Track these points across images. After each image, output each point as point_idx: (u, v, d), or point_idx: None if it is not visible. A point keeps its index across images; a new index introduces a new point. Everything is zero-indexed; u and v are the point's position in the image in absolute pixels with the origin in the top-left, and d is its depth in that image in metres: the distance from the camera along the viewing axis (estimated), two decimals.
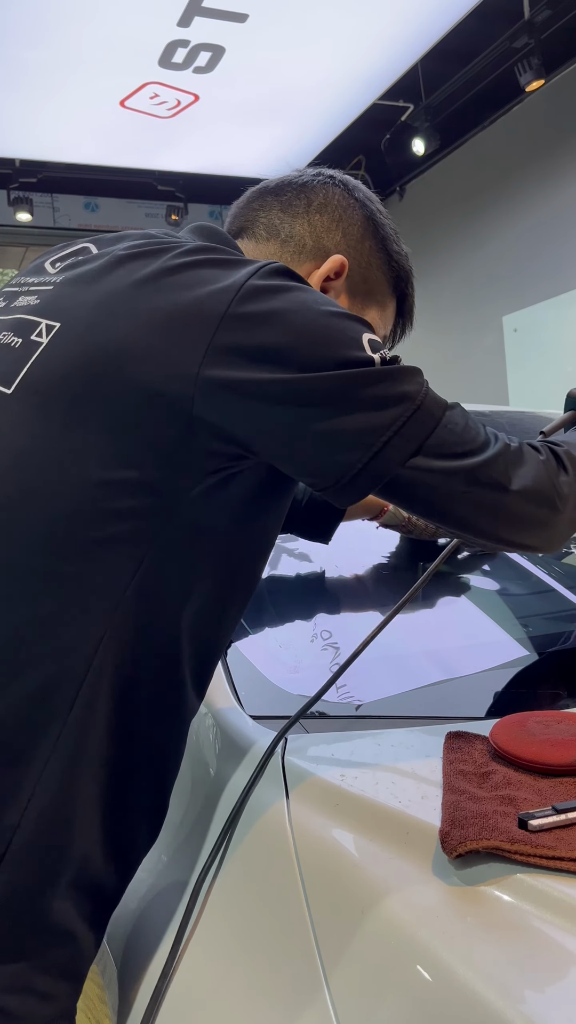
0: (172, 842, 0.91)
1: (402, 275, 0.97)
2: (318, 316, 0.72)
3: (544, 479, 0.73)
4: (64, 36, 3.76)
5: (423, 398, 0.71)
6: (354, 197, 0.94)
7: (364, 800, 0.74)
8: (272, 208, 0.92)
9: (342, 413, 0.69)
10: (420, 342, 6.51)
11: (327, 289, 0.90)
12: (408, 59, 4.23)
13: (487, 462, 0.71)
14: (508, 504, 0.72)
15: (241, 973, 0.72)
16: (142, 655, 0.73)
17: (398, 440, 0.69)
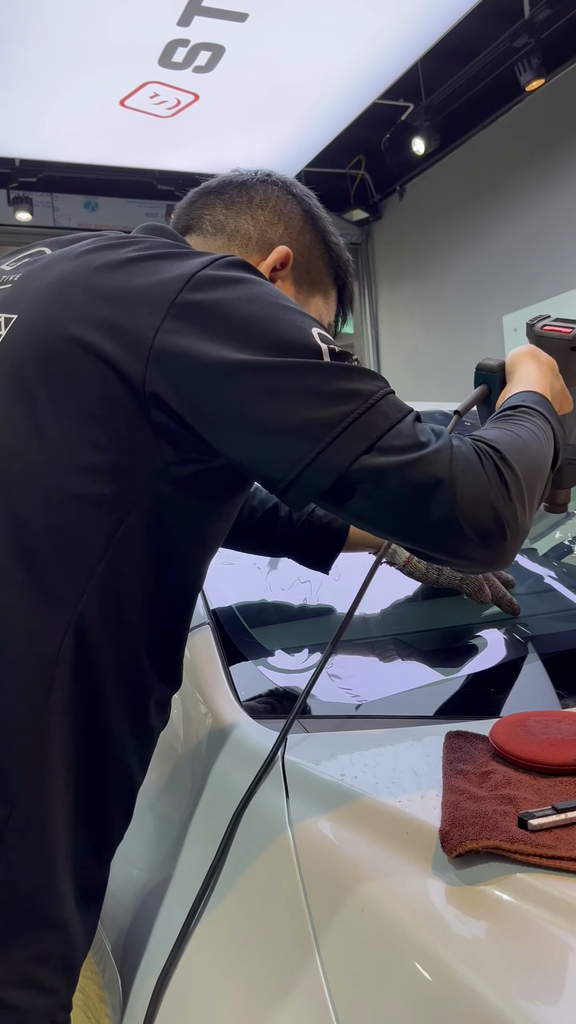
0: (172, 842, 0.91)
1: (341, 264, 1.01)
2: (269, 307, 0.73)
3: (488, 498, 0.69)
4: (64, 36, 3.76)
5: (377, 399, 0.70)
6: (291, 193, 0.98)
7: (364, 800, 0.74)
8: (216, 206, 0.95)
9: (289, 403, 0.69)
10: (420, 342, 6.52)
11: (274, 279, 0.93)
12: (408, 58, 4.22)
13: (434, 477, 0.68)
14: (451, 521, 0.69)
15: (241, 972, 0.72)
16: (105, 643, 0.75)
17: (346, 437, 0.68)
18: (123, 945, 0.89)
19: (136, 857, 0.97)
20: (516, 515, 0.70)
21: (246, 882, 0.79)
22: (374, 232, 7.29)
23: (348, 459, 0.68)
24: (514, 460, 0.72)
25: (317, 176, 6.20)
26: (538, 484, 0.75)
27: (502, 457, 0.71)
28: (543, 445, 0.78)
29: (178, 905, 0.85)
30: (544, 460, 0.77)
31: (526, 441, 0.76)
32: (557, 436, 0.83)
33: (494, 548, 0.70)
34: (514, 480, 0.71)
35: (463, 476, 0.68)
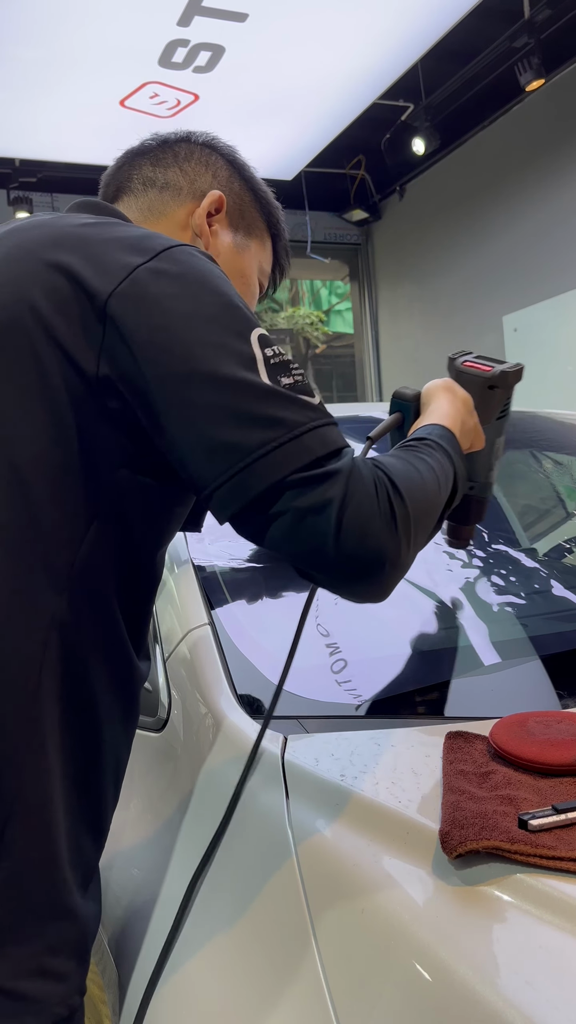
0: (172, 842, 0.91)
1: (272, 211, 1.02)
2: (211, 307, 0.73)
3: (374, 527, 0.69)
4: (64, 36, 3.76)
5: (303, 432, 0.69)
6: (213, 146, 1.01)
7: (364, 800, 0.74)
8: (143, 166, 0.97)
9: (212, 422, 0.69)
10: (420, 342, 6.53)
11: (212, 224, 0.95)
12: (408, 58, 4.22)
13: (327, 499, 0.68)
14: (333, 543, 0.68)
15: (241, 973, 0.72)
16: (87, 628, 0.76)
17: (259, 466, 0.68)
18: (124, 945, 0.89)
19: (136, 857, 0.97)
20: (399, 549, 0.70)
21: (246, 882, 0.79)
22: (374, 232, 7.29)
23: (257, 488, 0.68)
24: (407, 494, 0.72)
25: (317, 176, 6.20)
26: (427, 520, 0.75)
27: (396, 489, 0.71)
28: (439, 482, 0.79)
29: (177, 905, 0.85)
30: (437, 497, 0.78)
31: (423, 476, 0.76)
32: (458, 473, 0.84)
33: (370, 578, 0.69)
34: (403, 513, 0.70)
35: (354, 501, 0.68)
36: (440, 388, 0.94)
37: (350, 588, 0.72)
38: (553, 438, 1.82)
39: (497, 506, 1.60)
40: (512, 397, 1.04)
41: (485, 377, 0.99)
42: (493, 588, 1.21)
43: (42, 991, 0.73)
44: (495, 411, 1.01)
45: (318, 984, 0.65)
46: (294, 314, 9.92)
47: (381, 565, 0.69)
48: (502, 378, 1.00)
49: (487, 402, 0.99)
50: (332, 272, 7.96)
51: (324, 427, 0.71)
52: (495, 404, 1.01)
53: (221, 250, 0.95)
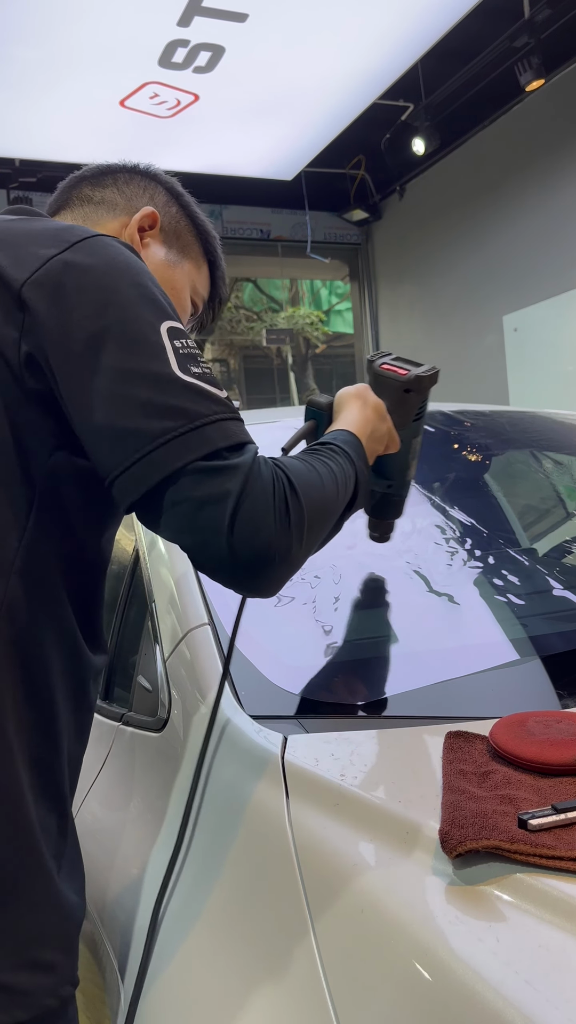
0: (171, 842, 0.91)
1: (209, 239, 1.05)
2: (126, 296, 0.74)
3: (267, 522, 0.70)
4: (64, 36, 3.76)
5: (204, 423, 0.71)
6: (155, 178, 1.04)
7: (364, 800, 0.74)
8: (83, 187, 1.01)
9: (118, 409, 0.70)
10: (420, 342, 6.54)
11: (143, 238, 0.97)
12: (408, 59, 4.23)
13: (225, 490, 0.69)
14: (225, 535, 0.69)
15: (241, 972, 0.72)
16: (36, 612, 0.77)
17: (160, 454, 0.69)
18: (124, 946, 0.89)
19: (136, 857, 0.97)
20: (289, 546, 0.71)
21: (246, 882, 0.79)
22: (374, 232, 7.29)
23: (156, 476, 0.69)
24: (303, 493, 0.73)
25: (317, 176, 6.20)
26: (322, 521, 0.77)
27: (293, 488, 0.73)
28: (339, 486, 0.81)
29: (176, 905, 0.85)
30: (335, 500, 0.80)
31: (322, 479, 0.78)
32: (360, 479, 0.86)
33: (259, 573, 0.71)
34: (298, 511, 0.72)
35: (251, 499, 0.69)
36: (352, 396, 0.97)
37: (239, 581, 0.73)
38: (553, 438, 1.82)
39: (497, 506, 1.60)
40: (428, 400, 1.06)
41: (401, 381, 1.01)
42: (493, 588, 1.21)
43: (29, 982, 0.73)
44: (411, 414, 1.04)
45: (318, 984, 0.65)
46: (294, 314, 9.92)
47: (271, 561, 0.70)
48: (417, 382, 1.02)
49: (402, 405, 1.01)
50: (332, 272, 7.97)
51: (228, 420, 0.73)
52: (410, 407, 1.03)
53: (152, 261, 0.98)
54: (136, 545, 1.37)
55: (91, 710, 0.87)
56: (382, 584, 1.24)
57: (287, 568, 0.73)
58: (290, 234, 7.01)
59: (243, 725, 0.90)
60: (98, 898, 1.01)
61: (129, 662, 1.29)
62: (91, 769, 1.22)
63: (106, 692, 1.35)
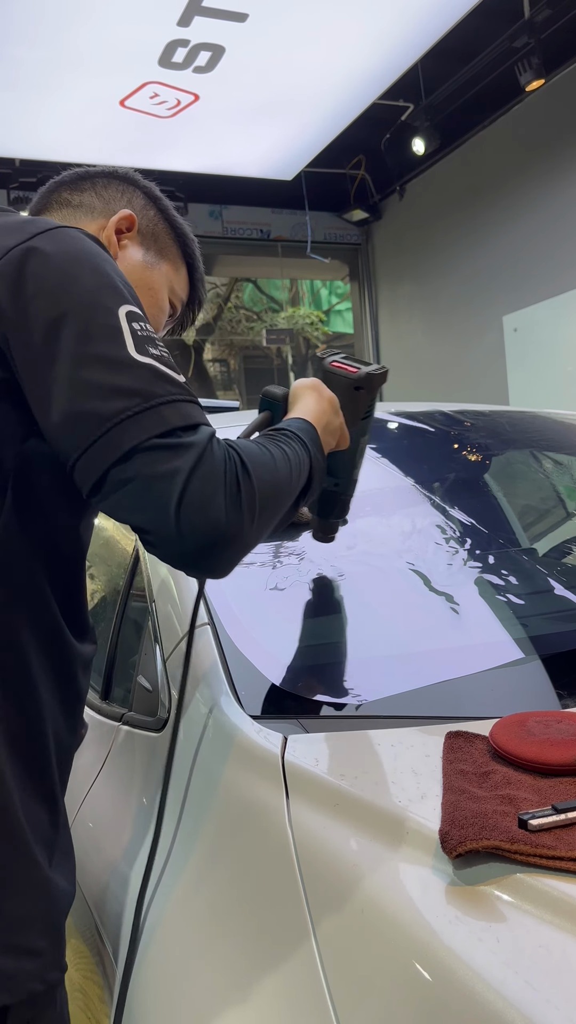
0: (171, 842, 0.91)
1: (187, 243, 1.07)
2: (78, 283, 0.75)
3: (217, 502, 0.70)
4: (64, 36, 3.76)
5: (160, 403, 0.71)
6: (133, 181, 1.05)
7: (364, 800, 0.74)
8: (62, 191, 1.03)
9: (75, 393, 0.71)
10: (420, 342, 6.54)
11: (120, 240, 0.99)
12: (408, 59, 4.23)
13: (175, 468, 0.69)
14: (175, 513, 0.69)
15: (241, 973, 0.72)
16: (15, 599, 0.78)
17: (115, 434, 0.70)
18: (125, 947, 0.89)
19: (136, 857, 0.97)
20: (240, 526, 0.71)
21: (246, 882, 0.79)
22: (374, 232, 7.29)
23: (112, 456, 0.70)
24: (255, 474, 0.74)
25: (317, 176, 6.20)
26: (275, 503, 0.77)
27: (245, 468, 0.73)
28: (292, 469, 0.81)
29: (175, 905, 0.85)
30: (288, 484, 0.80)
31: (275, 461, 0.78)
32: (314, 465, 0.86)
33: (209, 552, 0.71)
34: (249, 491, 0.72)
35: (202, 477, 0.70)
36: (307, 387, 0.98)
37: (188, 561, 0.73)
38: (553, 438, 1.82)
39: (497, 506, 1.60)
40: (376, 399, 1.07)
41: (351, 379, 1.02)
42: (493, 588, 1.21)
43: (12, 966, 0.73)
44: (360, 412, 1.05)
45: (318, 984, 0.65)
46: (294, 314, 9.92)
47: (220, 540, 0.70)
48: (367, 380, 1.03)
49: (352, 403, 1.02)
50: (332, 272, 7.97)
51: (184, 402, 0.73)
52: (360, 405, 1.04)
53: (129, 263, 0.99)
54: (136, 545, 1.37)
55: (80, 699, 0.88)
56: (381, 584, 1.24)
57: (237, 549, 0.72)
58: (290, 234, 7.01)
59: (243, 725, 0.90)
60: (99, 898, 1.01)
61: (129, 662, 1.29)
62: (91, 769, 1.22)
63: (106, 692, 1.35)
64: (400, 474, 1.54)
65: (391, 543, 1.31)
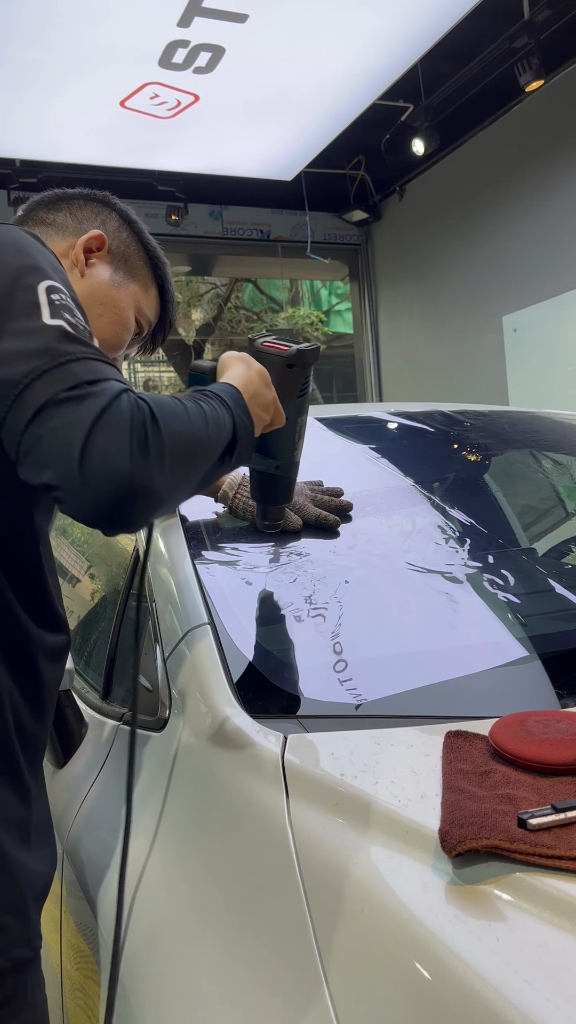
0: (171, 842, 0.91)
1: (159, 265, 1.10)
2: (4, 264, 0.77)
3: (122, 450, 0.69)
4: (64, 36, 3.76)
5: (69, 360, 0.72)
6: (109, 205, 1.09)
7: (364, 800, 0.74)
8: (39, 210, 1.07)
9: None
10: (420, 342, 6.53)
11: (88, 259, 1.02)
12: (408, 59, 4.22)
13: (80, 418, 0.69)
14: (78, 462, 0.68)
15: (241, 973, 0.72)
16: None
17: (27, 393, 0.70)
18: (125, 947, 0.89)
19: (135, 857, 0.97)
20: (149, 475, 0.70)
21: (246, 882, 0.79)
22: (374, 232, 7.29)
23: (25, 417, 0.70)
24: (164, 422, 0.73)
25: (317, 176, 6.20)
26: (188, 454, 0.76)
27: (153, 417, 0.72)
28: (208, 423, 0.80)
29: (175, 905, 0.85)
30: (204, 436, 0.79)
31: (189, 414, 0.78)
32: (238, 424, 0.85)
33: (116, 502, 0.69)
34: (157, 441, 0.71)
35: (107, 425, 0.69)
36: (235, 359, 0.99)
37: (99, 514, 0.71)
38: (553, 438, 1.82)
39: (497, 506, 1.60)
40: (311, 376, 1.08)
41: (283, 356, 1.03)
42: (493, 588, 1.21)
43: None
44: (295, 389, 1.06)
45: (318, 984, 0.65)
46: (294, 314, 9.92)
47: (129, 489, 0.69)
48: (299, 357, 1.04)
49: (286, 381, 1.03)
50: (332, 272, 7.97)
51: (96, 360, 0.73)
52: (294, 383, 1.05)
53: (96, 280, 1.02)
54: (136, 545, 1.37)
55: (43, 687, 0.88)
56: (381, 584, 1.24)
57: (149, 499, 0.71)
58: (290, 234, 7.01)
59: (243, 725, 0.90)
60: (100, 897, 1.01)
61: (129, 662, 1.29)
62: (91, 769, 1.22)
63: (106, 692, 1.35)
64: (400, 474, 1.54)
65: (391, 543, 1.31)
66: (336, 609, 1.15)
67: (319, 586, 1.19)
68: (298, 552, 1.26)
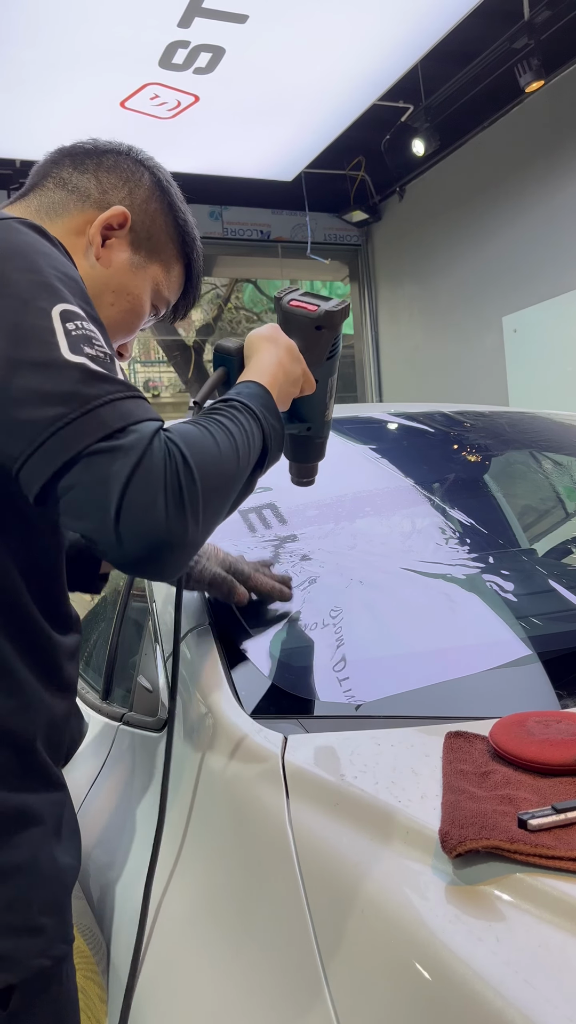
0: (172, 842, 0.91)
1: (187, 239, 1.01)
2: (8, 284, 0.73)
3: (157, 505, 0.68)
4: (64, 36, 3.76)
5: (98, 405, 0.70)
6: (144, 165, 0.99)
7: (364, 800, 0.74)
8: (64, 165, 0.97)
9: (8, 401, 0.70)
10: (420, 343, 6.53)
11: (108, 237, 0.94)
12: (408, 59, 4.22)
13: (113, 473, 0.68)
14: (114, 519, 0.68)
15: (241, 973, 0.72)
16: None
17: (53, 443, 0.68)
18: (125, 947, 0.89)
19: (136, 857, 0.97)
20: (184, 528, 0.69)
21: (246, 882, 0.79)
22: (374, 233, 7.29)
23: (54, 464, 0.68)
24: (198, 469, 0.71)
25: (317, 177, 6.20)
26: (222, 494, 0.75)
27: (187, 464, 0.70)
28: (239, 451, 0.77)
29: (176, 905, 0.85)
30: (236, 468, 0.77)
31: (220, 448, 0.75)
32: (268, 434, 0.83)
33: (153, 557, 0.69)
34: (191, 491, 0.70)
35: (141, 479, 0.68)
36: (263, 339, 0.93)
37: (135, 566, 0.72)
38: (553, 438, 1.82)
39: (497, 507, 1.60)
40: (340, 336, 1.02)
41: (312, 317, 0.97)
42: (493, 588, 1.21)
43: (16, 948, 0.74)
44: (324, 351, 1.00)
45: (318, 984, 0.65)
46: None
47: (163, 545, 0.69)
48: (328, 318, 0.98)
49: (315, 343, 0.98)
50: (332, 273, 7.96)
51: (124, 400, 0.71)
52: (323, 344, 0.99)
53: (114, 264, 0.95)
54: None
55: (68, 690, 0.88)
56: (382, 584, 1.24)
57: (183, 551, 0.71)
58: (290, 235, 7.01)
59: (243, 725, 0.90)
60: (100, 898, 1.01)
61: (129, 662, 1.29)
62: (92, 769, 1.22)
63: (106, 692, 1.35)
64: (400, 474, 1.54)
65: (391, 543, 1.31)
66: (336, 609, 1.15)
67: (319, 586, 1.19)
68: (299, 553, 1.26)
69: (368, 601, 1.20)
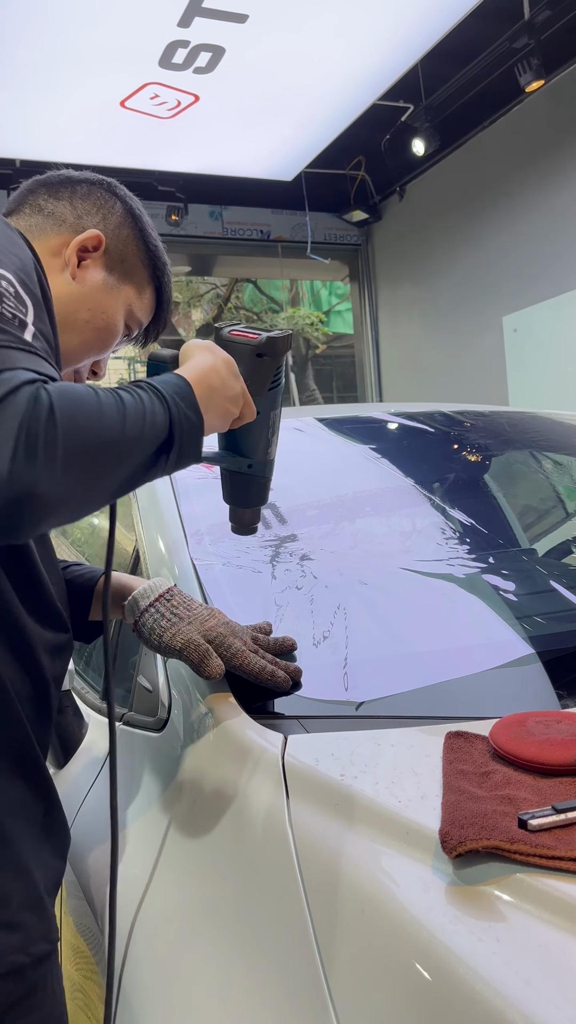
0: (172, 842, 0.91)
1: (159, 264, 1.05)
2: None
3: (7, 463, 0.63)
4: (64, 36, 3.76)
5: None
6: (115, 194, 1.04)
7: (364, 800, 0.74)
8: (40, 193, 1.02)
9: None
10: (420, 343, 6.53)
11: (82, 259, 0.98)
12: (408, 59, 4.23)
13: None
14: None
15: (241, 972, 0.72)
16: None
17: None
18: (125, 947, 0.89)
19: (136, 857, 0.97)
20: (32, 479, 0.64)
21: (246, 882, 0.79)
22: (374, 233, 7.29)
23: None
24: (63, 420, 0.66)
25: (317, 177, 6.21)
26: (92, 456, 0.69)
27: (51, 413, 0.66)
28: (126, 420, 0.72)
29: (175, 905, 0.85)
30: (116, 433, 0.71)
31: (103, 407, 0.71)
32: (175, 420, 0.78)
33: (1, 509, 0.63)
34: (49, 440, 0.65)
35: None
36: (199, 347, 0.90)
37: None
38: (553, 438, 1.82)
39: (497, 507, 1.60)
40: (284, 367, 0.99)
41: (252, 345, 0.95)
42: (493, 588, 1.21)
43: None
44: (266, 381, 0.97)
45: (318, 984, 0.65)
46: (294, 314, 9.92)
47: (4, 495, 0.63)
48: (270, 345, 0.96)
49: (257, 371, 0.95)
50: (332, 273, 7.97)
51: (10, 349, 0.69)
52: (265, 373, 0.96)
53: (88, 283, 0.98)
54: (136, 545, 1.37)
55: (48, 683, 0.88)
56: (381, 584, 1.24)
57: (33, 507, 0.65)
58: (290, 235, 7.01)
59: (243, 725, 0.90)
60: (100, 898, 1.01)
61: (129, 662, 1.29)
62: (91, 769, 1.22)
63: (106, 692, 1.35)
64: (400, 474, 1.54)
65: (391, 543, 1.31)
66: (336, 609, 1.15)
67: (319, 586, 1.19)
68: (298, 552, 1.26)
69: (368, 601, 1.20)
